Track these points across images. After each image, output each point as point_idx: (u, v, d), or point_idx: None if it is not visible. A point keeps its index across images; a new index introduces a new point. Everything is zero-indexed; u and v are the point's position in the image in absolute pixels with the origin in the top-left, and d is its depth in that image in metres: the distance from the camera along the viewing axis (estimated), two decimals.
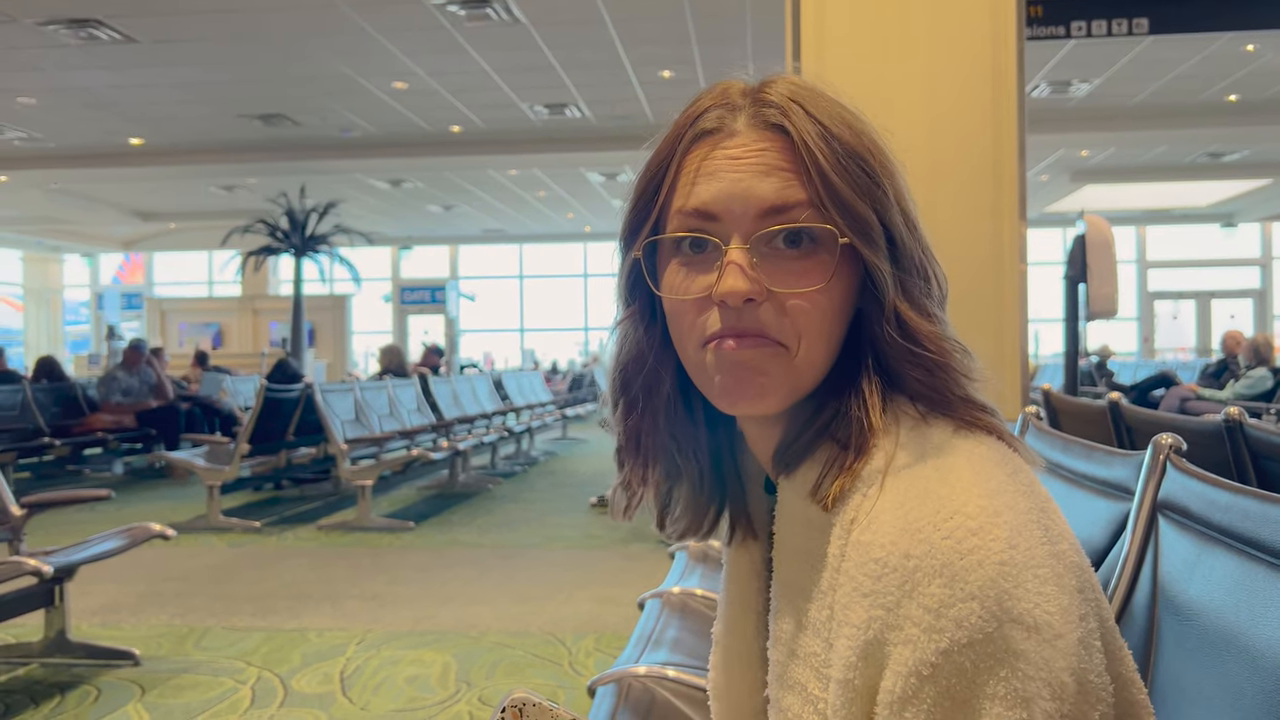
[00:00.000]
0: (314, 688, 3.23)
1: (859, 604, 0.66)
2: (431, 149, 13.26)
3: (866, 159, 0.75)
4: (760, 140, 0.75)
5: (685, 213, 0.75)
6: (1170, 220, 19.95)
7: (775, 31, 3.24)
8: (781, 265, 0.73)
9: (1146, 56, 9.69)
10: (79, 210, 17.97)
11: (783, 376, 0.74)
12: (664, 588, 2.31)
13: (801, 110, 0.75)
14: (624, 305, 0.84)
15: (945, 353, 0.75)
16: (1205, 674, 0.86)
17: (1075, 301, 4.08)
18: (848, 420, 0.74)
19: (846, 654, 0.67)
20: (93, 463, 9.57)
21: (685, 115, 0.79)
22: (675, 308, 0.77)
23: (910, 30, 2.98)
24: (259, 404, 6.56)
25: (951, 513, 0.65)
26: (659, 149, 0.79)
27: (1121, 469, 1.23)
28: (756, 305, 0.73)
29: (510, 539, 5.77)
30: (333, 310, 20.31)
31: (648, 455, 0.85)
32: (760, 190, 0.73)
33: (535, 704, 0.92)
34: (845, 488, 0.71)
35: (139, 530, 3.60)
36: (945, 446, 0.72)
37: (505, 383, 11.62)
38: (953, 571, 0.63)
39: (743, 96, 0.78)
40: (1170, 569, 0.99)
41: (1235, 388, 8.40)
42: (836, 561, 0.70)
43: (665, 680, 1.71)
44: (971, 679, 0.61)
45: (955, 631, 0.62)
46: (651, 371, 0.82)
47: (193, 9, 8.21)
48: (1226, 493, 0.93)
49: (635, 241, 0.80)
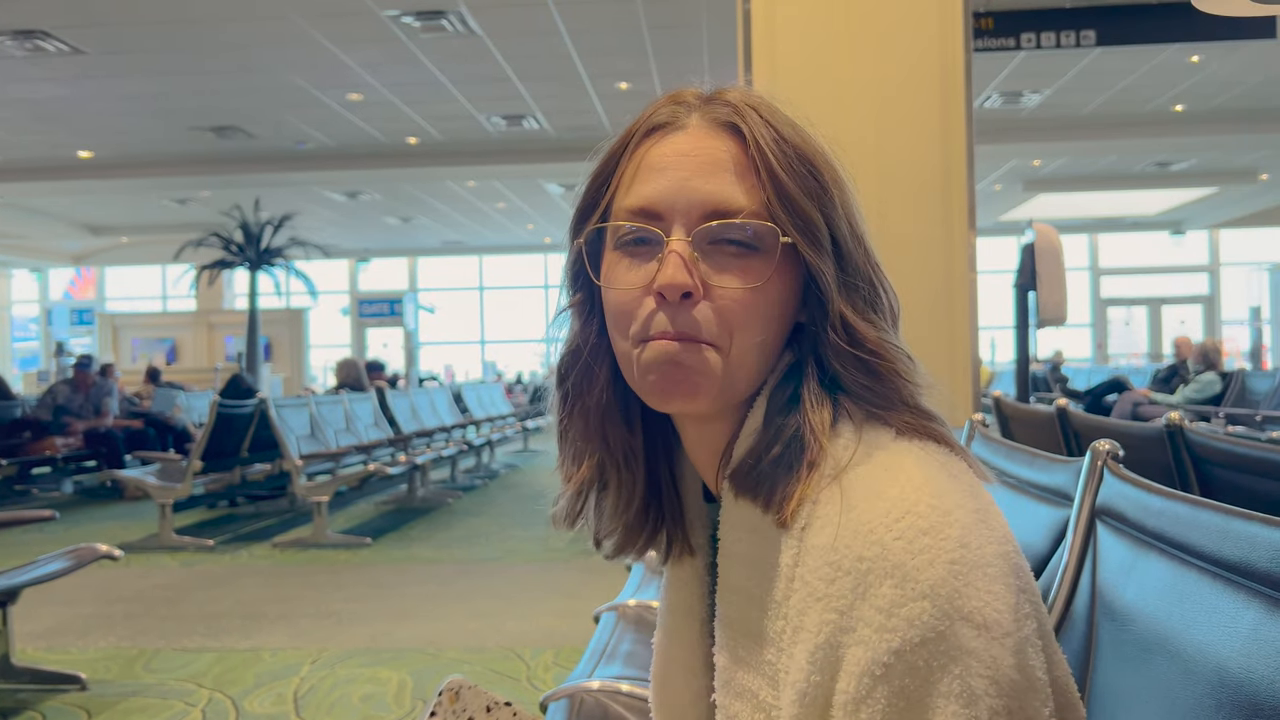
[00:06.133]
0: (267, 708, 3.17)
1: (813, 608, 0.66)
2: (388, 160, 13.18)
3: (817, 166, 0.76)
4: (710, 137, 0.75)
5: (631, 207, 0.75)
6: (1121, 228, 20.33)
7: (731, 44, 3.27)
8: (721, 262, 0.74)
9: (1095, 68, 9.87)
10: (27, 224, 17.61)
11: (714, 375, 0.74)
12: (619, 600, 2.29)
13: (755, 114, 0.76)
14: (568, 295, 0.84)
15: (890, 358, 0.75)
16: (1140, 679, 0.86)
17: (1025, 309, 4.14)
18: (796, 431, 0.73)
19: (801, 659, 0.67)
20: (41, 482, 9.35)
21: (640, 115, 0.80)
22: (613, 299, 0.77)
23: (859, 41, 3.00)
24: (212, 420, 6.46)
25: (903, 513, 0.65)
26: (612, 145, 0.80)
27: (1062, 475, 1.24)
28: (694, 302, 0.73)
29: (469, 554, 5.72)
30: (289, 324, 20.07)
31: (578, 454, 0.84)
32: (706, 189, 0.74)
33: (470, 688, 0.94)
34: (799, 498, 0.71)
35: (85, 551, 3.52)
36: (891, 448, 0.72)
37: (465, 395, 11.54)
38: (904, 572, 0.63)
39: (697, 99, 0.79)
40: (1107, 574, 1.00)
41: (1185, 392, 8.55)
42: (790, 570, 0.70)
43: (619, 695, 1.69)
44: (924, 677, 0.61)
45: (907, 630, 0.62)
46: (586, 365, 0.82)
47: (143, 20, 8.09)
48: (1159, 498, 0.93)
49: (582, 230, 0.80)
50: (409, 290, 22.72)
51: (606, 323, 0.79)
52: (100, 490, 8.98)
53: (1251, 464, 1.94)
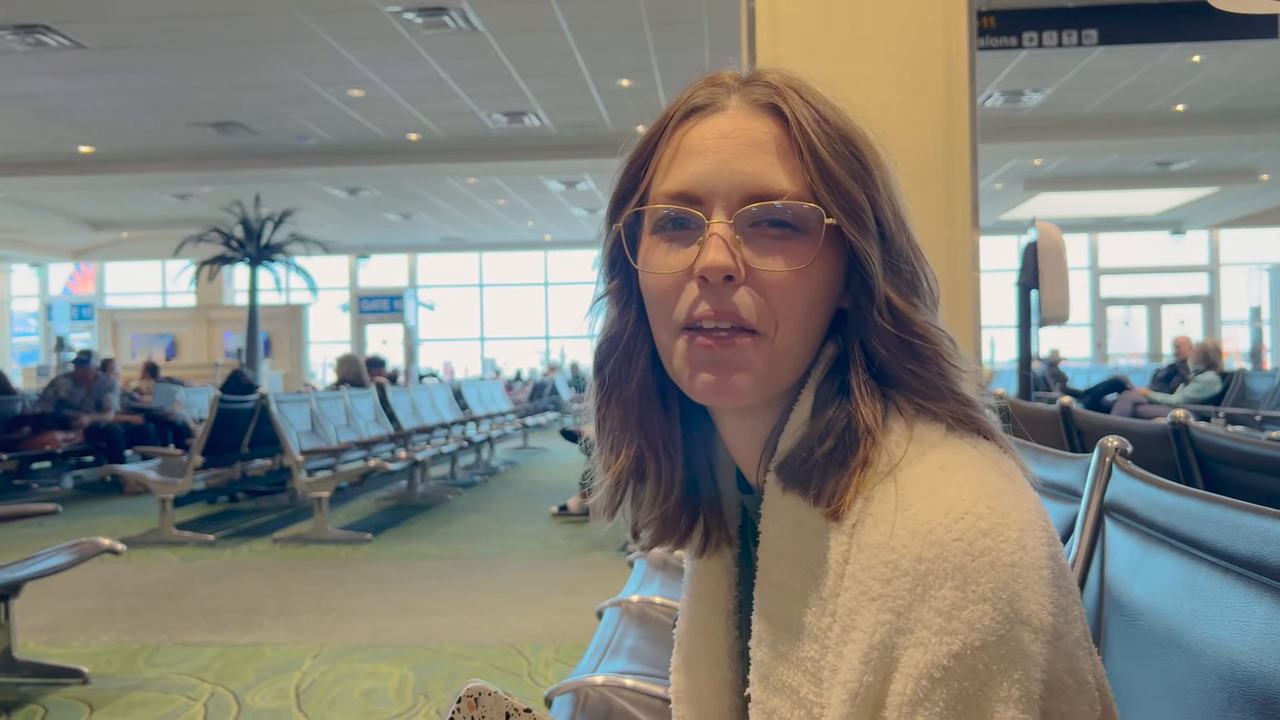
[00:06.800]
0: (268, 703, 3.17)
1: (866, 608, 0.65)
2: (389, 157, 13.17)
3: (859, 147, 0.75)
4: (751, 118, 0.74)
5: (670, 191, 0.74)
6: (1121, 228, 20.33)
7: (732, 41, 3.27)
8: (764, 245, 0.72)
9: (1096, 67, 9.87)
10: (27, 219, 17.59)
11: (759, 366, 0.72)
12: (623, 596, 2.29)
13: (796, 95, 0.75)
14: (605, 281, 0.82)
15: (935, 340, 0.74)
16: (1150, 673, 0.87)
17: (1028, 307, 4.14)
18: (849, 424, 0.72)
19: (853, 659, 0.65)
20: (42, 477, 9.36)
21: (676, 100, 0.79)
22: (652, 284, 0.75)
23: (864, 39, 3.00)
24: (212, 416, 6.46)
25: (961, 514, 0.64)
26: (650, 129, 0.78)
27: (1070, 471, 1.24)
28: (735, 285, 0.71)
29: (469, 550, 5.73)
30: (289, 320, 20.06)
31: (616, 444, 0.82)
32: (747, 170, 0.72)
33: (490, 694, 0.91)
34: (854, 492, 0.70)
35: (87, 545, 3.52)
36: (944, 446, 0.70)
37: (465, 392, 11.54)
38: (965, 574, 0.62)
39: (735, 80, 0.78)
40: (1116, 570, 1.01)
41: (1185, 391, 8.56)
42: (839, 566, 0.69)
43: (623, 689, 1.70)
44: (984, 681, 0.61)
45: (968, 634, 0.61)
46: (624, 354, 0.80)
47: (144, 15, 8.08)
48: (1169, 494, 0.94)
49: (619, 215, 0.78)
50: (409, 287, 22.72)
51: (646, 309, 0.78)
52: (100, 485, 8.98)
53: (1258, 461, 1.95)
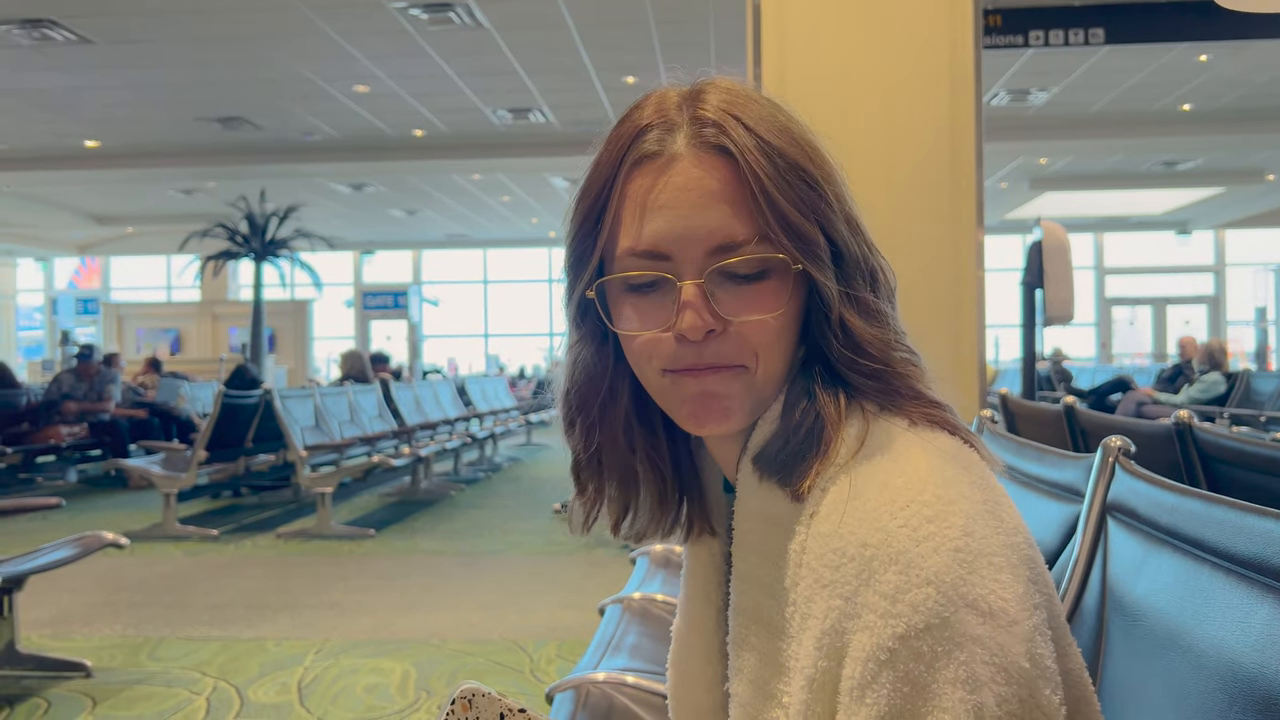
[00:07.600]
0: (271, 698, 3.18)
1: (819, 595, 0.67)
2: (394, 153, 13.16)
3: (807, 168, 0.75)
4: (701, 164, 0.74)
5: (636, 253, 0.75)
6: (1127, 227, 20.27)
7: (738, 38, 3.26)
8: (736, 294, 0.74)
9: (1103, 66, 9.84)
10: (33, 213, 17.62)
11: (745, 395, 0.76)
12: (625, 593, 2.29)
13: (738, 123, 0.75)
14: (574, 329, 0.84)
15: (888, 360, 0.76)
16: (1151, 673, 0.86)
17: (1033, 307, 4.13)
18: (816, 419, 0.75)
19: (809, 646, 0.68)
20: (46, 471, 9.38)
21: (622, 131, 0.78)
22: (634, 343, 0.78)
23: (870, 37, 3.00)
24: (217, 410, 6.48)
25: (907, 501, 0.66)
26: (598, 171, 0.78)
27: (1072, 471, 1.24)
28: (716, 335, 0.74)
29: (472, 546, 5.73)
30: (293, 315, 20.06)
31: (610, 471, 0.87)
32: (709, 225, 0.73)
33: (484, 695, 0.92)
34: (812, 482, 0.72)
35: (91, 539, 3.53)
36: (900, 438, 0.73)
37: (469, 388, 11.55)
38: (908, 558, 0.64)
39: (679, 110, 0.77)
40: (1119, 569, 1.00)
41: (1189, 391, 8.54)
42: (798, 556, 0.71)
43: (624, 686, 1.70)
44: (929, 663, 0.62)
45: (911, 616, 0.62)
46: (608, 391, 0.83)
47: (150, 10, 8.08)
48: (1172, 494, 0.93)
49: (582, 273, 0.79)
50: (413, 283, 22.71)
51: (626, 356, 0.80)
52: (104, 479, 8.99)
53: (1262, 462, 1.94)
